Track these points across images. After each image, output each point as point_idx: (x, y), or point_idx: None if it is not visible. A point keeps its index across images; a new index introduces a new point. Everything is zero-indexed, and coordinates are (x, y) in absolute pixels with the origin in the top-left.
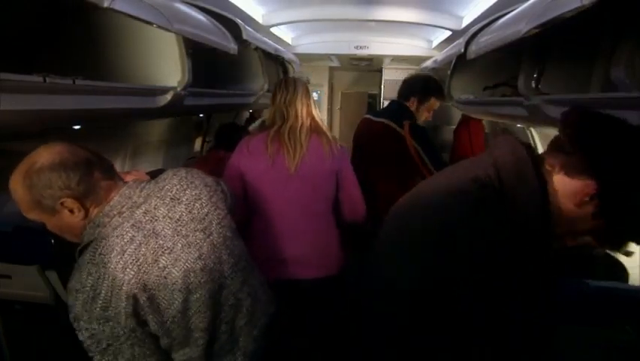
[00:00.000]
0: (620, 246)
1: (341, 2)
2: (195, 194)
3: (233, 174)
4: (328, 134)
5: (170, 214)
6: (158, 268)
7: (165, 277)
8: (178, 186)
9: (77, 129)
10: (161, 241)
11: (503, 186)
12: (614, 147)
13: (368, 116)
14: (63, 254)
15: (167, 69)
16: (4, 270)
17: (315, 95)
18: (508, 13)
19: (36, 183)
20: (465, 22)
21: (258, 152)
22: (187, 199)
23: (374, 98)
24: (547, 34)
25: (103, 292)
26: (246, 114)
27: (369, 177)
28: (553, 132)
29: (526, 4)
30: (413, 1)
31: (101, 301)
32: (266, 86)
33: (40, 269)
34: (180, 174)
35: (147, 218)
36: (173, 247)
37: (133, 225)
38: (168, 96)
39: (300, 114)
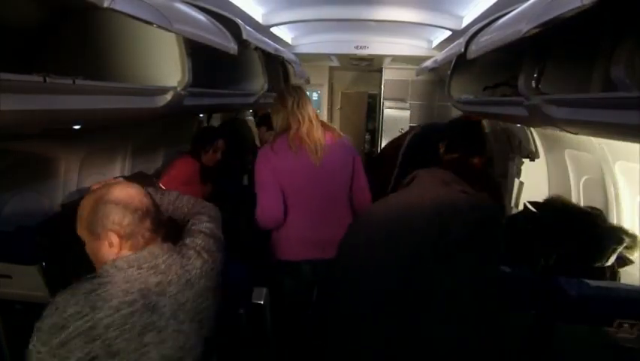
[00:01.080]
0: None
1: (341, 2)
2: (208, 286)
3: (270, 181)
4: (336, 128)
5: (177, 296)
6: (140, 343)
7: (142, 354)
8: (198, 271)
9: (77, 129)
10: (155, 318)
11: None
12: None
13: None
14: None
15: (167, 69)
16: (5, 270)
17: (315, 95)
18: (508, 13)
19: (99, 210)
20: (465, 22)
21: (284, 153)
22: (199, 288)
23: (374, 98)
24: (547, 34)
25: (72, 328)
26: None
27: None
28: (553, 132)
29: (526, 4)
30: (413, 1)
31: (64, 336)
32: (266, 86)
33: (41, 269)
34: (206, 257)
35: (156, 290)
36: (164, 329)
37: (141, 289)
38: (168, 96)
39: (312, 116)
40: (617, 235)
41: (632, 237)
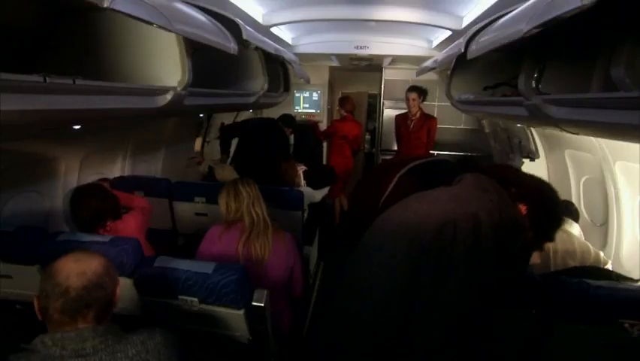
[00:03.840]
0: (540, 241)
1: (341, 2)
2: None
3: None
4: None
5: None
6: None
7: None
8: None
9: (77, 129)
10: None
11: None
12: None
13: None
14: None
15: (167, 69)
16: (5, 270)
17: (315, 95)
18: (508, 13)
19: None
20: (465, 22)
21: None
22: None
23: (374, 98)
24: (547, 34)
25: None
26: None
27: None
28: (553, 132)
29: (526, 4)
30: (413, 1)
31: None
32: (266, 86)
33: (41, 269)
34: (140, 342)
35: None
36: None
37: None
38: (168, 96)
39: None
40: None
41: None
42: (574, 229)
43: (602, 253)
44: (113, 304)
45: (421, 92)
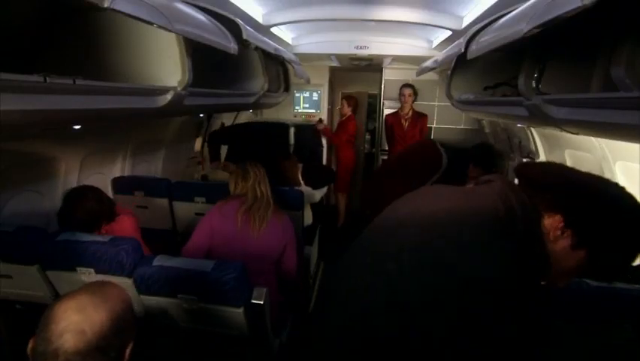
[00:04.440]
0: (610, 275)
1: (341, 2)
2: None
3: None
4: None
5: None
6: None
7: None
8: None
9: (77, 129)
10: None
11: (515, 228)
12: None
13: None
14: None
15: (167, 69)
16: (5, 270)
17: (315, 95)
18: (509, 13)
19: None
20: (465, 22)
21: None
22: None
23: (374, 98)
24: (547, 34)
25: None
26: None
27: None
28: (553, 132)
29: (526, 4)
30: (413, 1)
31: None
32: (266, 86)
33: (41, 269)
34: None
35: None
36: None
37: None
38: (168, 96)
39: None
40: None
41: None
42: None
43: None
44: None
45: (414, 89)
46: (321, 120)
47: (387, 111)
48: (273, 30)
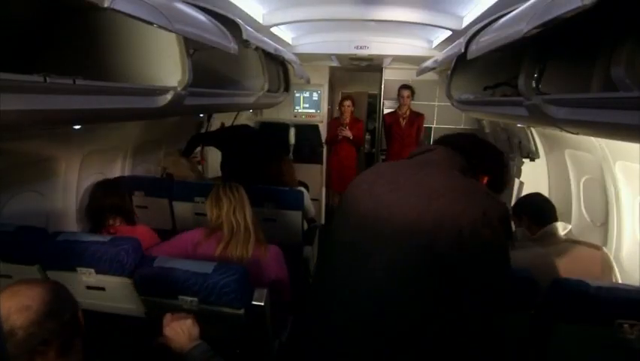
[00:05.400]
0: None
1: (341, 2)
2: None
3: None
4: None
5: None
6: None
7: None
8: None
9: (77, 129)
10: None
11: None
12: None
13: None
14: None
15: (167, 69)
16: (5, 270)
17: (315, 95)
18: (509, 13)
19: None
20: (465, 22)
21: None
22: None
23: (374, 98)
24: (547, 34)
25: None
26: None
27: None
28: (553, 132)
29: (526, 4)
30: (413, 1)
31: None
32: (266, 86)
33: (41, 269)
34: None
35: None
36: None
37: None
38: (168, 96)
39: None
40: None
41: None
42: (565, 228)
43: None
44: (79, 331)
45: (412, 90)
46: (344, 125)
47: (386, 111)
48: (273, 30)
